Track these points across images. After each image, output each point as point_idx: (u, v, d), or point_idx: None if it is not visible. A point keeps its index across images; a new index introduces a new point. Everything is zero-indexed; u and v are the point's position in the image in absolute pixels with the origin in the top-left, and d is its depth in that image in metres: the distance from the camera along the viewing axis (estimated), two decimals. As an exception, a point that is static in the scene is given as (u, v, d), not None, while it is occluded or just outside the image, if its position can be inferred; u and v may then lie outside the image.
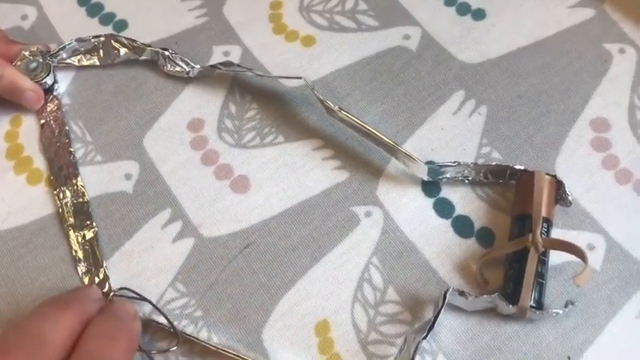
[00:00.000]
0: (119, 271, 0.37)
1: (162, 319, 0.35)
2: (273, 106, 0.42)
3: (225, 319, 0.36)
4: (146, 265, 0.37)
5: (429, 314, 0.35)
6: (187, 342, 0.35)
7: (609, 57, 0.42)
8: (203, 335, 0.35)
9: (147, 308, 0.35)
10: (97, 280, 0.37)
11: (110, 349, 0.30)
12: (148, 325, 0.35)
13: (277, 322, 0.35)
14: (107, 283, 0.37)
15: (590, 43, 0.42)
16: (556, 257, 0.35)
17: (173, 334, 0.35)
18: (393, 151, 0.37)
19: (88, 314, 0.32)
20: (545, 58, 0.42)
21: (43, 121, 0.42)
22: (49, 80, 0.42)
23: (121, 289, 0.36)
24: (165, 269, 0.37)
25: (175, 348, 0.34)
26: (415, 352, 0.31)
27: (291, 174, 0.40)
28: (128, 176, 0.40)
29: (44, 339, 0.29)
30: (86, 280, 0.37)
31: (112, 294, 0.35)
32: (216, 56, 0.44)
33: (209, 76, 0.43)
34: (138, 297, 0.35)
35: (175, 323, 0.35)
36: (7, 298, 0.36)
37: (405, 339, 0.33)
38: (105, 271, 0.37)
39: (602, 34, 0.43)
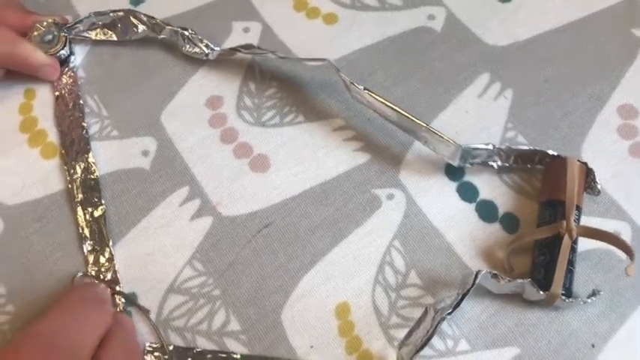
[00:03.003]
0: (135, 249, 0.36)
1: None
2: (293, 85, 0.41)
3: (243, 299, 0.35)
4: (163, 243, 0.37)
5: (451, 298, 0.34)
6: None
7: (638, 43, 0.41)
8: (221, 316, 0.35)
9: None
10: (102, 259, 0.36)
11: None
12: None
13: (297, 304, 0.35)
14: (112, 264, 0.36)
15: (619, 29, 0.42)
16: (580, 245, 0.34)
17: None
18: (420, 133, 0.36)
19: (111, 319, 0.31)
20: (572, 43, 0.41)
21: (57, 94, 0.41)
22: (64, 52, 0.41)
23: (120, 292, 0.35)
24: (183, 247, 0.36)
25: None
26: (438, 325, 0.30)
27: (311, 154, 0.39)
28: (145, 153, 0.39)
29: (78, 345, 0.29)
30: (91, 258, 0.36)
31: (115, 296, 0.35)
32: (236, 33, 0.43)
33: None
34: (141, 308, 0.35)
35: (192, 303, 0.35)
36: (21, 273, 0.36)
37: (425, 311, 0.32)
38: (111, 251, 0.36)
39: (630, 19, 0.42)
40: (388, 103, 0.36)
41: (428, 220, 0.36)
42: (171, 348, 0.34)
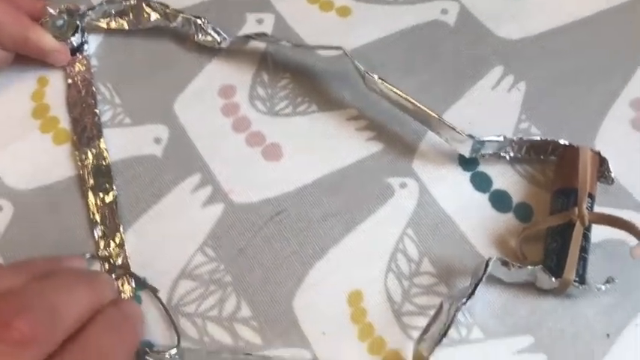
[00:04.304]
0: (146, 235, 0.36)
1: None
2: (306, 75, 0.41)
3: (254, 286, 0.35)
4: (174, 230, 0.36)
5: (465, 286, 0.34)
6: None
7: (650, 38, 0.41)
8: (232, 302, 0.34)
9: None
10: (112, 245, 0.36)
11: (113, 344, 0.29)
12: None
13: (309, 291, 0.34)
14: (123, 249, 0.36)
15: (631, 24, 0.42)
16: (594, 234, 0.34)
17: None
18: (433, 124, 0.36)
19: (102, 300, 0.31)
20: (585, 37, 0.41)
21: (70, 81, 0.41)
22: (75, 40, 0.41)
23: (132, 274, 0.35)
24: (194, 234, 0.36)
25: (175, 352, 0.32)
26: (454, 317, 0.30)
27: (324, 143, 0.39)
28: (157, 140, 0.39)
29: (59, 312, 0.27)
30: (102, 244, 0.36)
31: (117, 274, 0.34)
32: (250, 24, 0.43)
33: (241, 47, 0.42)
34: (148, 287, 0.34)
35: (203, 289, 0.35)
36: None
37: (441, 305, 0.32)
38: (121, 236, 0.36)
39: (642, 15, 0.42)
40: (402, 93, 0.36)
41: (441, 209, 0.36)
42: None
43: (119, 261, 0.35)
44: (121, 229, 0.36)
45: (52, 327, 0.27)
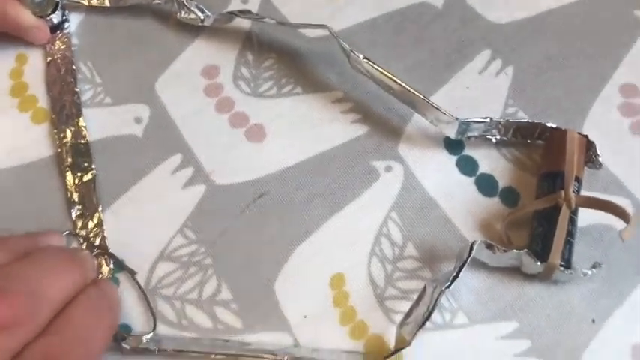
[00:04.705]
0: (125, 216, 0.35)
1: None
2: (291, 56, 0.40)
3: (235, 268, 0.34)
4: (154, 211, 0.36)
5: (449, 270, 0.33)
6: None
7: (639, 23, 0.41)
8: (212, 285, 0.34)
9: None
10: (90, 225, 0.35)
11: (94, 325, 0.29)
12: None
13: (290, 273, 0.34)
14: (101, 230, 0.35)
15: (621, 8, 0.41)
16: (580, 219, 0.34)
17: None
18: (419, 106, 0.36)
19: (84, 281, 0.30)
20: (574, 21, 0.41)
21: (49, 59, 0.40)
22: (55, 17, 0.40)
23: (110, 254, 0.34)
24: (174, 215, 0.35)
25: (151, 335, 0.32)
26: (437, 301, 0.29)
27: (308, 125, 0.38)
28: (138, 120, 0.38)
29: (43, 294, 0.27)
30: (79, 224, 0.35)
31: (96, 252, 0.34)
32: (235, 3, 0.42)
33: (225, 25, 0.41)
34: (126, 268, 0.34)
35: (182, 271, 0.34)
36: (6, 237, 0.34)
37: (424, 288, 0.31)
38: (100, 216, 0.35)
39: (633, 1, 0.42)
40: (388, 74, 0.36)
41: (426, 193, 0.36)
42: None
43: (97, 241, 0.35)
44: (100, 209, 0.35)
45: (36, 309, 0.26)
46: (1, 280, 0.27)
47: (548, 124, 0.35)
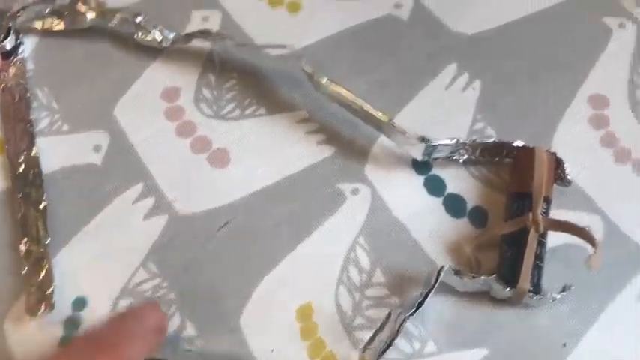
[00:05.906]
0: (85, 250, 0.34)
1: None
2: (254, 76, 0.39)
3: (200, 303, 0.33)
4: (115, 244, 0.35)
5: (416, 297, 0.33)
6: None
7: (608, 32, 0.40)
8: (175, 321, 0.33)
9: None
10: (36, 255, 0.33)
11: None
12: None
13: (257, 306, 0.33)
14: (46, 261, 0.33)
15: (589, 17, 0.40)
16: (550, 239, 0.33)
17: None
18: (384, 128, 0.35)
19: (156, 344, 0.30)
20: (542, 32, 0.40)
21: (3, 85, 0.39)
22: (8, 44, 0.39)
23: None
24: (136, 248, 0.34)
25: None
26: (400, 327, 0.29)
27: (273, 148, 0.37)
28: (97, 148, 0.37)
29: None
30: (28, 256, 0.33)
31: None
32: (195, 22, 0.41)
33: (186, 45, 0.40)
34: None
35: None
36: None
37: (389, 314, 0.30)
38: (46, 249, 0.34)
39: (601, 7, 0.41)
40: (351, 96, 0.35)
41: (394, 216, 0.35)
42: None
43: (42, 274, 0.33)
44: (48, 240, 0.34)
45: None
46: (96, 346, 0.28)
47: (515, 143, 0.34)
